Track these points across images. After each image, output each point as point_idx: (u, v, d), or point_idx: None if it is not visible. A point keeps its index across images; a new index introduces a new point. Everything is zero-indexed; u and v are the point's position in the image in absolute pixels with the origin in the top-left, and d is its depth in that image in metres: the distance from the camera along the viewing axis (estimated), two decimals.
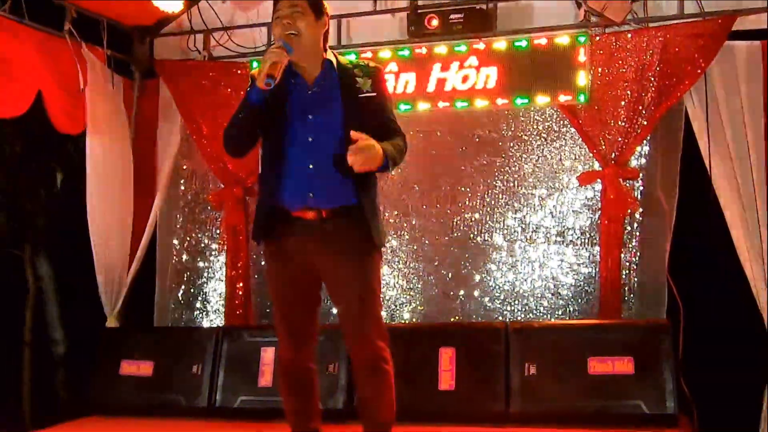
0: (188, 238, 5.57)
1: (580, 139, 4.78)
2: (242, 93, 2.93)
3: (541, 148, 4.97)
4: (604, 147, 4.65)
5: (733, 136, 4.38)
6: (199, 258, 5.55)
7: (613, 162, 4.62)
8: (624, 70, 4.61)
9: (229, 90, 5.19)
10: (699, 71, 4.42)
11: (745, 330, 4.25)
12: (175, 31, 5.53)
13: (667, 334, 4.20)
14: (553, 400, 4.17)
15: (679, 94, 4.49)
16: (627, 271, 4.69)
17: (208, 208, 5.52)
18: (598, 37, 4.68)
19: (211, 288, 5.51)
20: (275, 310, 3.05)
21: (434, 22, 4.85)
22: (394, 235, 5.14)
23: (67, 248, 5.72)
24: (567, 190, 4.91)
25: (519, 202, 4.99)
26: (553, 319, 4.84)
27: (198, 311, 5.51)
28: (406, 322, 5.09)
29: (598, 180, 4.71)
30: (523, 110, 4.96)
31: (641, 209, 4.72)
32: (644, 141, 4.70)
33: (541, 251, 4.92)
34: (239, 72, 5.16)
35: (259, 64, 2.85)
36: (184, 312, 5.53)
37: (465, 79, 4.84)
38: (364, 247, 2.92)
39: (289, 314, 2.99)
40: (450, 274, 5.08)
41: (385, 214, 5.05)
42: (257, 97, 2.82)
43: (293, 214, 2.91)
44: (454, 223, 5.09)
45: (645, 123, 4.57)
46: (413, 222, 5.14)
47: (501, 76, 4.77)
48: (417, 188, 5.14)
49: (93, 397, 4.88)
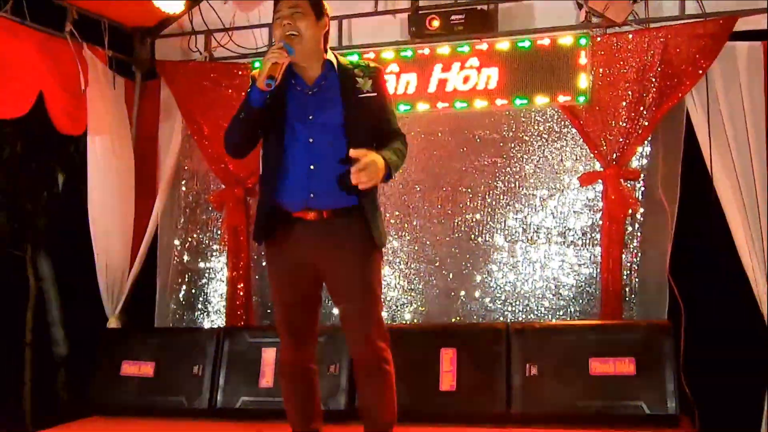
0: (189, 239, 5.57)
1: (581, 140, 4.78)
2: (243, 94, 2.93)
3: (542, 148, 4.96)
4: (605, 147, 4.65)
5: (735, 137, 4.38)
6: (200, 259, 5.54)
7: (614, 162, 4.61)
8: (625, 71, 4.61)
9: (230, 91, 5.19)
10: (700, 72, 4.42)
11: (746, 331, 4.25)
12: (176, 32, 5.54)
13: (669, 335, 4.19)
14: (555, 400, 4.17)
15: (680, 95, 4.48)
16: (628, 272, 4.69)
17: (209, 209, 5.52)
18: (599, 38, 4.68)
19: (212, 288, 5.50)
20: (276, 311, 3.06)
21: (435, 23, 4.85)
22: (395, 236, 5.13)
23: (68, 249, 5.73)
24: (568, 191, 4.90)
25: (520, 203, 4.98)
26: (554, 320, 4.83)
27: (199, 312, 5.51)
28: (407, 322, 5.08)
29: (599, 180, 4.70)
30: (524, 111, 4.95)
31: (642, 210, 4.71)
32: (645, 141, 4.69)
33: (542, 252, 4.91)
34: (240, 73, 5.17)
35: (260, 64, 2.85)
36: (185, 312, 5.52)
37: (466, 80, 4.84)
38: (365, 248, 2.92)
39: (290, 315, 3.00)
40: (451, 275, 5.07)
41: (386, 215, 5.04)
42: (258, 98, 2.82)
43: (294, 215, 2.91)
44: (455, 223, 5.08)
45: (646, 123, 4.56)
46: (414, 222, 5.13)
47: (502, 77, 4.77)
48: (418, 189, 5.14)
49: (94, 398, 4.88)
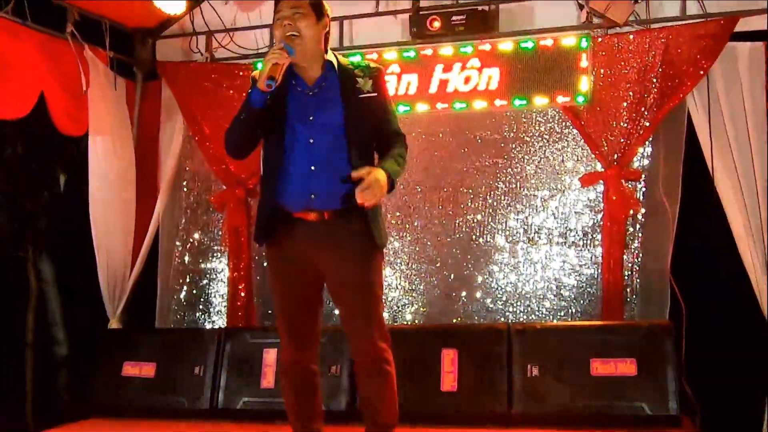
0: (190, 240, 5.57)
1: (583, 141, 4.78)
2: (244, 94, 2.92)
3: (544, 149, 4.96)
4: (606, 148, 4.65)
5: (736, 137, 4.38)
6: (201, 259, 5.54)
7: (616, 163, 4.61)
8: (626, 72, 4.61)
9: (231, 91, 5.19)
10: (701, 72, 4.42)
11: (747, 331, 4.24)
12: (177, 33, 5.55)
13: (670, 336, 4.19)
14: (556, 401, 4.16)
15: (681, 95, 4.48)
16: (629, 273, 4.68)
17: (210, 210, 5.52)
18: (600, 39, 4.68)
19: (214, 289, 5.50)
20: (277, 312, 3.05)
21: (436, 24, 4.85)
22: (396, 237, 5.13)
23: (70, 249, 5.72)
24: (569, 192, 4.90)
25: (521, 204, 4.98)
26: (555, 321, 4.82)
27: (200, 312, 5.51)
28: (409, 323, 5.08)
29: (601, 181, 4.70)
30: (525, 111, 4.95)
31: (643, 210, 4.71)
32: (646, 142, 4.69)
33: (544, 252, 4.91)
34: (241, 73, 5.17)
35: (261, 65, 2.85)
36: (187, 313, 5.52)
37: (467, 81, 4.84)
38: (366, 248, 2.92)
39: (291, 315, 2.99)
40: (452, 276, 5.07)
41: (387, 215, 5.04)
42: (258, 98, 2.81)
43: (295, 216, 2.91)
44: (457, 224, 5.08)
45: (647, 124, 4.56)
46: (415, 223, 5.13)
47: (503, 78, 4.77)
48: (419, 189, 5.14)
49: (95, 399, 4.89)
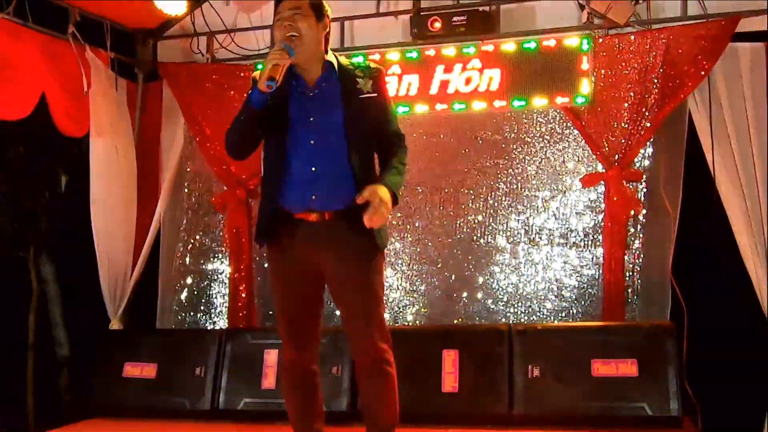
0: (191, 240, 5.57)
1: (584, 141, 4.77)
2: (245, 95, 2.92)
3: (545, 150, 4.95)
4: (607, 149, 4.64)
5: (737, 138, 4.38)
6: (202, 260, 5.54)
7: (617, 164, 4.61)
8: (627, 72, 4.61)
9: (233, 92, 5.19)
10: (702, 73, 4.42)
11: (749, 332, 4.24)
12: (179, 34, 5.55)
13: (671, 336, 4.18)
14: (557, 402, 4.16)
15: (682, 96, 4.48)
16: (630, 273, 4.68)
17: (212, 210, 5.52)
18: (601, 39, 4.67)
19: (215, 290, 5.50)
20: (278, 312, 3.05)
21: (437, 25, 4.85)
22: (397, 237, 5.13)
23: (71, 250, 5.74)
24: (570, 192, 4.89)
25: (522, 204, 4.97)
26: (556, 321, 4.82)
27: (201, 313, 5.51)
28: (410, 324, 5.08)
29: (602, 182, 4.70)
30: (526, 112, 4.95)
31: (645, 211, 4.71)
32: (647, 143, 4.69)
33: (545, 253, 4.91)
34: (242, 74, 5.17)
35: (262, 66, 2.85)
36: (188, 314, 5.52)
37: (468, 81, 4.84)
38: (367, 249, 2.92)
39: (292, 316, 2.99)
40: (453, 276, 5.07)
41: (388, 216, 5.03)
42: (259, 99, 2.81)
43: (296, 216, 2.90)
44: (457, 225, 5.08)
45: (648, 125, 4.56)
46: (416, 224, 5.13)
47: (504, 79, 4.77)
48: (420, 190, 5.14)
49: (96, 399, 4.89)
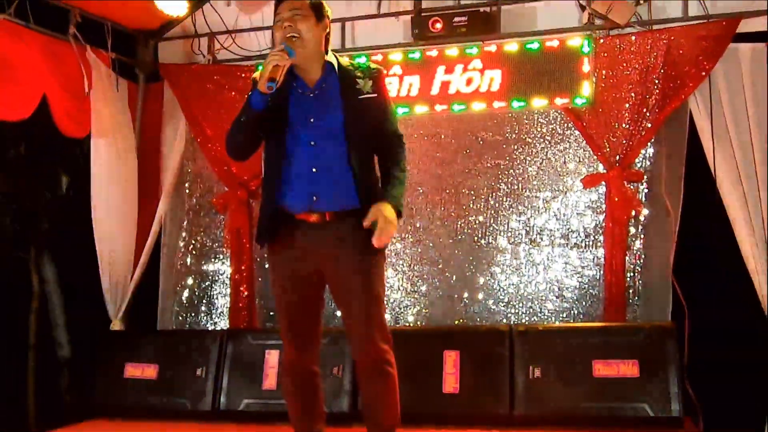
0: (192, 241, 5.57)
1: (585, 142, 4.77)
2: (246, 96, 2.92)
3: (545, 150, 4.95)
4: (608, 149, 4.64)
5: (738, 138, 4.37)
6: (203, 261, 5.54)
7: (618, 164, 4.61)
8: (628, 73, 4.61)
9: (234, 93, 5.20)
10: (703, 73, 4.42)
11: (749, 332, 4.24)
12: (180, 35, 5.55)
13: (672, 337, 4.18)
14: (558, 403, 4.16)
15: (683, 97, 4.48)
16: (631, 274, 4.68)
17: (213, 211, 5.52)
18: (602, 40, 4.68)
19: (216, 291, 5.50)
20: (279, 313, 3.05)
21: (438, 25, 4.86)
22: (398, 238, 5.12)
23: (72, 251, 5.74)
24: (571, 193, 4.89)
25: (523, 205, 4.97)
26: (557, 322, 4.82)
27: (202, 314, 5.51)
28: (410, 324, 5.08)
29: (603, 182, 4.70)
30: (527, 113, 4.95)
31: (646, 212, 4.71)
32: (648, 143, 4.69)
33: (546, 254, 4.91)
34: (243, 75, 5.17)
35: (262, 67, 2.85)
36: (189, 315, 5.52)
37: (469, 82, 4.84)
38: (368, 250, 2.91)
39: (293, 317, 2.99)
40: (454, 277, 5.06)
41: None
42: (259, 100, 2.81)
43: (297, 217, 2.91)
44: (458, 225, 5.07)
45: (649, 125, 4.56)
46: (417, 225, 5.13)
47: (505, 80, 4.77)
48: (421, 191, 5.14)
49: (97, 400, 4.89)
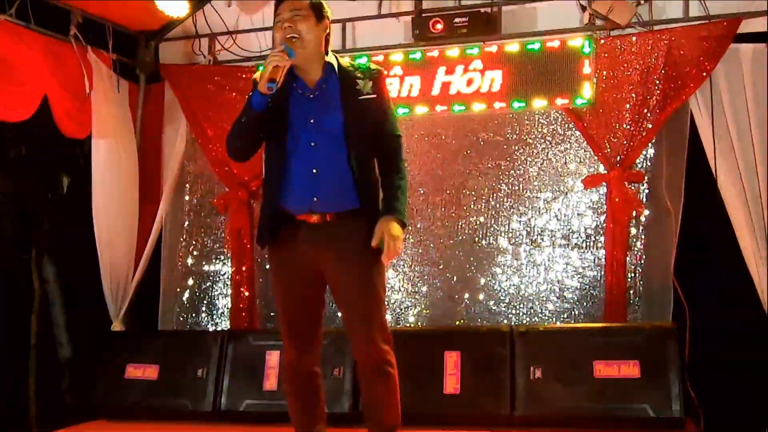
0: (193, 242, 5.57)
1: (585, 143, 4.77)
2: (246, 97, 2.92)
3: (546, 151, 4.95)
4: (609, 150, 4.64)
5: (739, 139, 4.37)
6: (204, 261, 5.54)
7: (618, 165, 4.61)
8: (629, 73, 4.61)
9: (234, 94, 5.20)
10: (704, 74, 4.42)
11: (751, 333, 4.24)
12: (180, 36, 5.56)
13: (673, 338, 4.18)
14: (559, 403, 4.16)
15: (684, 97, 4.48)
16: (632, 274, 4.68)
17: (213, 212, 5.52)
18: (602, 41, 4.68)
19: (216, 291, 5.50)
20: (280, 314, 3.05)
21: (438, 26, 4.86)
22: None
23: (73, 252, 5.73)
24: (572, 193, 4.89)
25: (524, 206, 4.97)
26: (558, 323, 4.82)
27: (203, 315, 5.51)
28: (411, 325, 5.08)
29: (603, 183, 4.70)
30: (527, 113, 4.95)
31: (647, 212, 4.71)
32: (649, 144, 4.68)
33: (547, 254, 4.91)
34: (244, 76, 5.18)
35: (262, 68, 2.84)
36: (190, 315, 5.53)
37: (470, 83, 4.84)
38: (369, 250, 2.90)
39: (294, 318, 2.99)
40: (455, 278, 5.06)
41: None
42: (259, 101, 2.81)
43: (297, 218, 2.91)
44: (459, 226, 5.07)
45: (650, 126, 4.56)
46: (418, 225, 5.13)
47: (506, 80, 4.77)
48: (422, 191, 5.13)
49: (98, 401, 4.89)
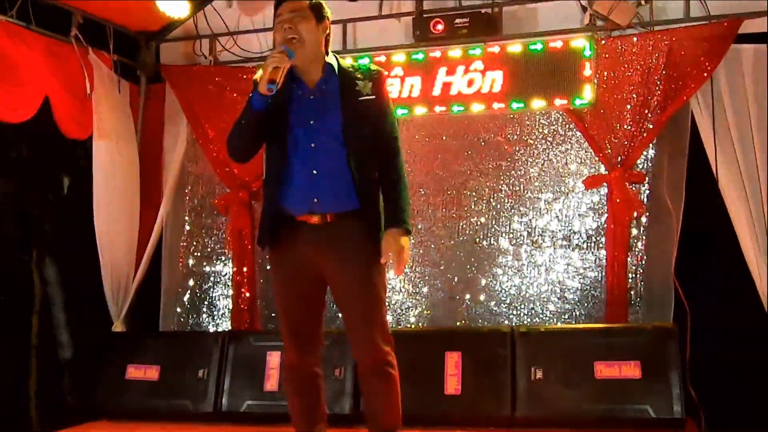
0: (194, 243, 5.57)
1: (586, 143, 4.77)
2: (247, 98, 2.92)
3: (547, 151, 4.95)
4: (610, 150, 4.64)
5: (740, 139, 4.37)
6: (205, 262, 5.55)
7: (619, 165, 4.60)
8: (630, 74, 4.61)
9: (235, 94, 5.20)
10: (705, 74, 4.42)
11: (752, 333, 4.24)
12: (181, 36, 5.56)
13: (674, 338, 4.18)
14: (560, 404, 4.16)
15: (685, 98, 4.48)
16: (633, 275, 4.68)
17: (215, 213, 5.52)
18: (603, 41, 4.67)
19: (217, 292, 5.51)
20: (280, 315, 3.05)
21: (439, 27, 4.87)
22: None
23: (74, 253, 5.73)
24: (573, 194, 4.89)
25: (525, 206, 4.97)
26: (559, 323, 4.81)
27: (204, 315, 5.51)
28: (412, 326, 5.08)
29: (604, 184, 4.70)
30: (528, 114, 4.95)
31: (647, 213, 4.70)
32: (650, 144, 4.68)
33: (548, 255, 4.90)
34: (245, 77, 5.17)
35: (262, 69, 2.84)
36: (191, 316, 5.53)
37: (471, 83, 4.84)
38: (369, 251, 2.91)
39: (294, 318, 2.99)
40: (456, 278, 5.07)
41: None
42: (259, 102, 2.81)
43: (298, 219, 2.91)
44: (460, 227, 5.08)
45: (651, 126, 4.55)
46: (419, 226, 5.12)
47: (506, 81, 4.77)
48: (422, 192, 5.13)
49: (99, 402, 4.89)
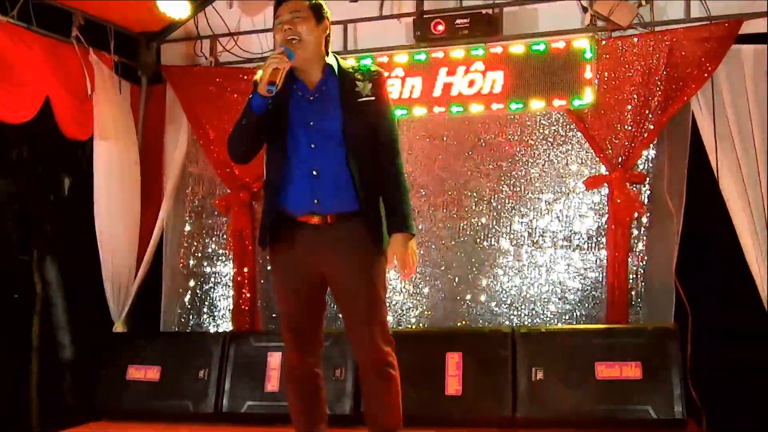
0: (195, 243, 5.57)
1: (587, 144, 4.77)
2: (247, 99, 2.92)
3: (548, 152, 4.95)
4: (610, 151, 4.64)
5: (740, 140, 4.37)
6: (205, 263, 5.54)
7: (620, 166, 4.60)
8: (630, 74, 4.61)
9: (236, 95, 5.20)
10: (706, 75, 4.42)
11: (753, 334, 4.24)
12: (182, 37, 5.56)
13: (675, 339, 4.18)
14: (561, 405, 4.16)
15: (685, 98, 4.48)
16: (634, 276, 4.68)
17: (215, 213, 5.52)
18: (604, 42, 4.68)
19: (218, 293, 5.50)
20: (281, 315, 3.05)
21: (440, 27, 4.87)
22: None
23: (75, 253, 5.74)
24: (574, 195, 4.89)
25: (526, 207, 4.97)
26: (560, 324, 4.81)
27: (205, 316, 5.51)
28: (413, 326, 5.08)
29: (605, 184, 4.70)
30: (529, 115, 4.96)
31: (648, 213, 4.70)
32: (651, 145, 4.68)
33: (548, 256, 4.90)
34: (245, 77, 5.16)
35: (262, 70, 2.84)
36: (191, 317, 5.53)
37: (471, 84, 4.84)
38: (369, 252, 2.91)
39: (295, 319, 2.99)
40: (457, 279, 5.06)
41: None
42: (259, 103, 2.81)
43: (298, 220, 2.91)
44: (461, 227, 5.07)
45: (651, 127, 4.56)
46: (419, 226, 5.11)
47: (507, 81, 4.77)
48: (423, 192, 5.13)
49: (100, 402, 4.89)
